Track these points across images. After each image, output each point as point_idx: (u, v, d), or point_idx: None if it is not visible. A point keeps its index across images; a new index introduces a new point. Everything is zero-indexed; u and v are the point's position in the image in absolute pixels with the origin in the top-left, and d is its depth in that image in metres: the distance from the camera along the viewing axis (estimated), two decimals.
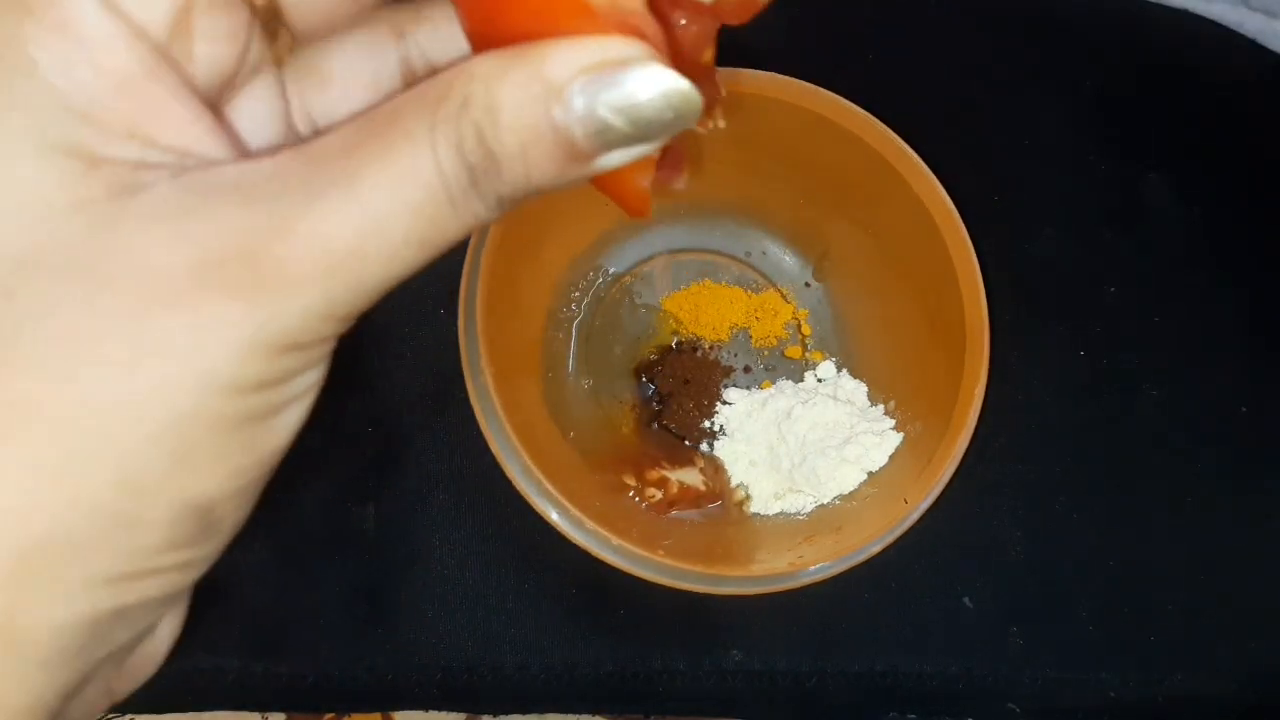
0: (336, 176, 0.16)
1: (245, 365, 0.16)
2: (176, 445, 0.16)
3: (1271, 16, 0.49)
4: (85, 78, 0.16)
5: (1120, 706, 0.39)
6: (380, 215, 0.16)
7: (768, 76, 0.35)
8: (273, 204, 0.16)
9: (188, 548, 0.18)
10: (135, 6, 0.16)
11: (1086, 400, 0.43)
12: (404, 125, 0.16)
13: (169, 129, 0.17)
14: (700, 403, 0.40)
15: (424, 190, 0.16)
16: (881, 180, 0.36)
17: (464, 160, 0.16)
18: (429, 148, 0.16)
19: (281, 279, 0.16)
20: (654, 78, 0.16)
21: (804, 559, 0.33)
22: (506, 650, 0.37)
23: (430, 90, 0.16)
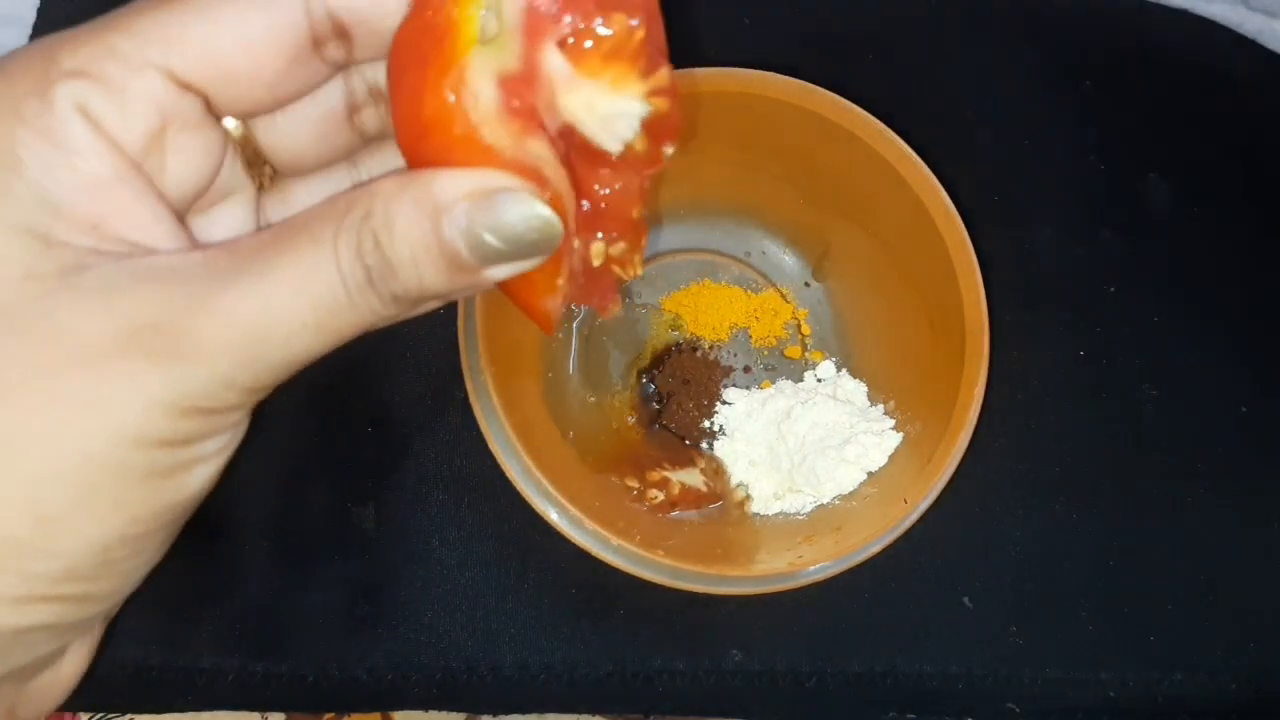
0: (251, 267, 0.19)
1: (152, 422, 0.18)
2: (81, 485, 0.18)
3: (1271, 16, 0.49)
4: (62, 178, 0.19)
5: (1120, 706, 0.39)
6: (283, 302, 0.19)
7: (768, 76, 0.35)
8: (193, 286, 0.19)
9: (85, 581, 0.20)
10: (114, 125, 0.19)
11: (1086, 400, 0.43)
12: (314, 229, 0.19)
13: (127, 226, 0.19)
14: (700, 403, 0.40)
15: (323, 285, 0.19)
16: (881, 180, 0.36)
17: (361, 263, 0.19)
18: (331, 250, 0.19)
19: (189, 348, 0.18)
20: (521, 205, 0.19)
21: (804, 559, 0.33)
22: (506, 650, 0.37)
23: (340, 201, 0.19)
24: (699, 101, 0.35)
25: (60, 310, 0.18)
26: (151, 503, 0.20)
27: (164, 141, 0.20)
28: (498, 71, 0.19)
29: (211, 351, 0.18)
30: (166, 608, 0.37)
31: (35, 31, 0.43)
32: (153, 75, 0.19)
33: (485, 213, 0.19)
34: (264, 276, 0.19)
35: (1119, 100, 0.47)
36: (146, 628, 0.36)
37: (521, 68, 0.19)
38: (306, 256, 0.19)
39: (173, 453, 0.19)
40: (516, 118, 0.19)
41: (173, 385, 0.18)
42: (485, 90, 0.19)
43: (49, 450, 0.18)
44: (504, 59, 0.19)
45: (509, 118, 0.19)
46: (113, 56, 0.19)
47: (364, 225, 0.19)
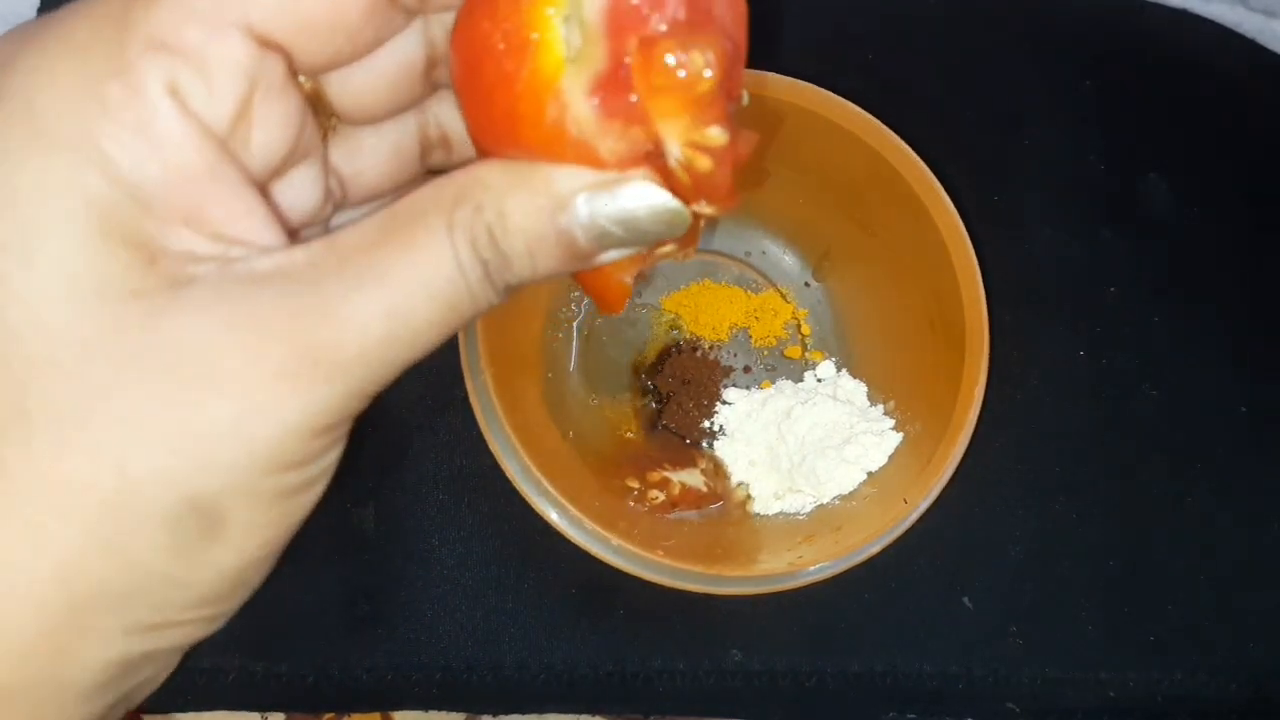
0: (369, 268, 0.18)
1: (286, 446, 0.17)
2: (220, 518, 0.18)
3: (1270, 16, 0.49)
4: (153, 173, 0.17)
5: (1120, 706, 0.39)
6: (409, 303, 0.18)
7: (768, 76, 0.35)
8: (314, 294, 0.17)
9: (215, 604, 0.20)
10: (203, 105, 0.17)
11: (1086, 400, 0.43)
12: (425, 223, 0.18)
13: (224, 221, 0.18)
14: (700, 403, 0.40)
15: (446, 281, 0.18)
16: (881, 180, 0.36)
17: (478, 257, 0.18)
18: (449, 245, 0.18)
19: (328, 365, 0.17)
20: (648, 195, 0.18)
21: (804, 559, 0.33)
22: (506, 650, 0.37)
23: (445, 191, 0.18)
24: None
25: (176, 334, 0.17)
26: (284, 525, 0.19)
27: (249, 113, 0.18)
28: (589, 81, 0.18)
29: (347, 366, 0.17)
30: None
31: None
32: (235, 37, 0.17)
33: (608, 204, 0.18)
34: (385, 276, 0.17)
35: (1119, 100, 0.47)
36: None
37: (609, 65, 0.18)
38: (425, 252, 0.18)
39: (301, 473, 0.19)
40: (616, 118, 0.18)
41: (309, 406, 0.17)
42: (582, 108, 0.18)
43: (184, 486, 0.17)
44: (592, 65, 0.18)
45: (609, 121, 0.18)
46: (193, 18, 0.17)
47: (477, 219, 0.18)
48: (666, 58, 0.17)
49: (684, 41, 0.17)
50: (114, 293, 0.17)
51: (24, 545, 0.16)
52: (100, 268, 0.16)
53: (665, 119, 0.18)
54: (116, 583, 0.17)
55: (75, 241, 0.16)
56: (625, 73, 0.18)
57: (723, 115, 0.19)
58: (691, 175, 0.19)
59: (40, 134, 0.16)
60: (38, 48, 0.17)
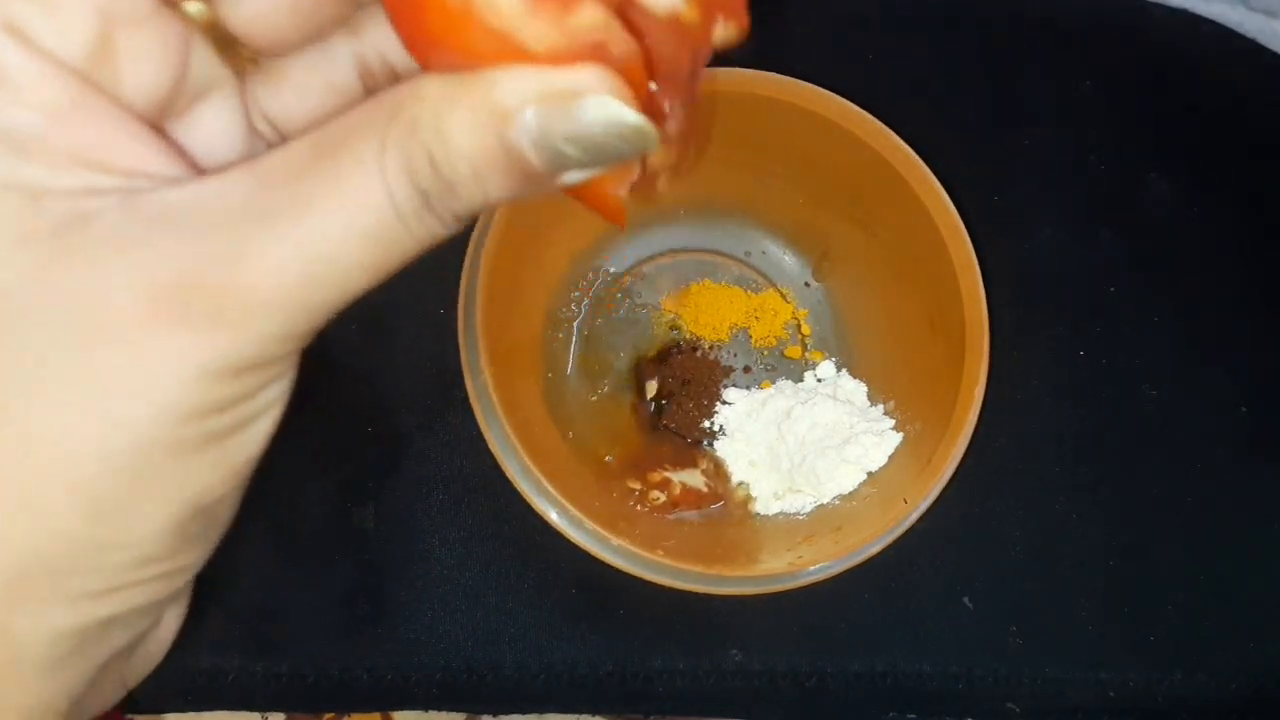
0: (288, 202, 0.16)
1: (202, 392, 0.16)
2: (139, 472, 0.16)
3: (1271, 16, 0.49)
4: (16, 116, 0.16)
5: (1120, 706, 0.39)
6: (332, 241, 0.16)
7: (768, 76, 0.35)
8: (224, 231, 0.16)
9: (166, 560, 0.18)
10: (54, 41, 0.16)
11: (1086, 400, 0.43)
12: (353, 148, 0.16)
13: (112, 152, 0.16)
14: (700, 403, 0.40)
15: (375, 215, 0.16)
16: (881, 180, 0.36)
17: (416, 185, 0.16)
18: (378, 173, 0.16)
19: (234, 308, 0.16)
20: (605, 110, 0.16)
21: (804, 559, 0.33)
22: (506, 650, 0.37)
23: (379, 111, 0.16)
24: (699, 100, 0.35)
25: (71, 280, 0.15)
26: (217, 470, 0.18)
27: (113, 46, 0.17)
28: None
29: (259, 308, 0.16)
30: None
31: None
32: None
33: (562, 120, 0.16)
34: (305, 212, 0.16)
35: (1119, 100, 0.47)
36: None
37: None
38: (351, 183, 0.16)
39: (230, 415, 0.17)
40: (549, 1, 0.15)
41: (220, 350, 0.16)
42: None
43: (90, 442, 0.16)
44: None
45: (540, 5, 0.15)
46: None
47: (412, 140, 0.16)
48: None
49: None
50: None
51: None
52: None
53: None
54: (45, 551, 0.16)
55: None
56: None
57: None
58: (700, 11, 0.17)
59: None
60: None
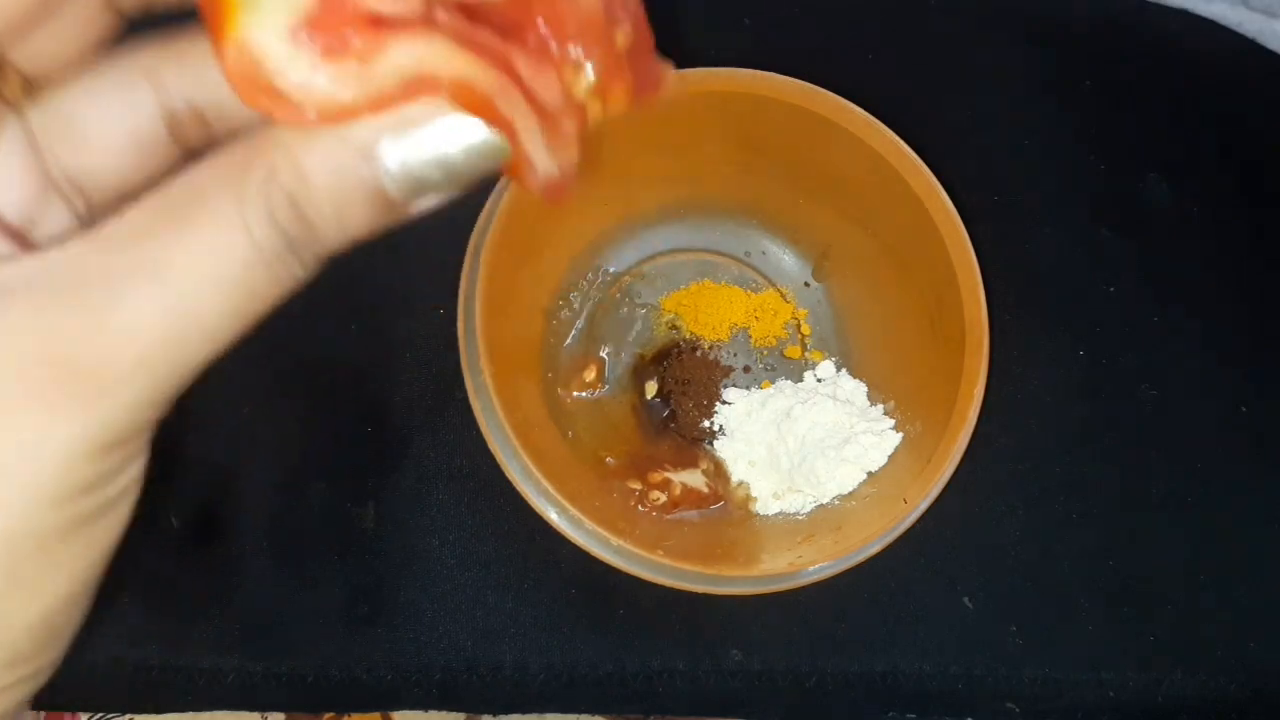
0: (142, 262, 0.15)
1: (70, 473, 0.15)
2: (9, 567, 0.15)
3: (1271, 16, 0.49)
4: None
5: (1120, 706, 0.39)
6: (195, 297, 0.15)
7: (768, 76, 0.35)
8: (77, 301, 0.15)
9: (35, 658, 0.17)
10: None
11: (1086, 400, 0.43)
12: (208, 202, 0.16)
13: None
14: (700, 403, 0.40)
15: (239, 265, 0.16)
16: (881, 180, 0.36)
17: (278, 229, 0.16)
18: (240, 221, 0.15)
19: (100, 381, 0.15)
20: (464, 131, 0.16)
21: (803, 559, 0.33)
22: (506, 650, 0.37)
23: (230, 163, 0.16)
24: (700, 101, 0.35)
25: None
26: (86, 556, 0.17)
27: None
28: (293, 18, 0.15)
29: (126, 377, 0.15)
30: (167, 608, 0.37)
31: None
32: None
33: (417, 148, 0.16)
34: (162, 273, 0.15)
35: (1119, 100, 0.48)
36: (146, 628, 0.37)
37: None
38: (209, 235, 0.15)
39: (95, 496, 0.16)
40: (346, 52, 0.15)
41: (87, 426, 0.15)
42: (280, 55, 0.15)
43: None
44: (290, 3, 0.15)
45: (336, 61, 0.15)
46: None
47: (271, 186, 0.15)
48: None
49: None
50: None
51: None
52: None
53: None
54: None
55: None
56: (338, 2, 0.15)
57: None
58: None
59: None
60: None
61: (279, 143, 0.16)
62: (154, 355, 0.15)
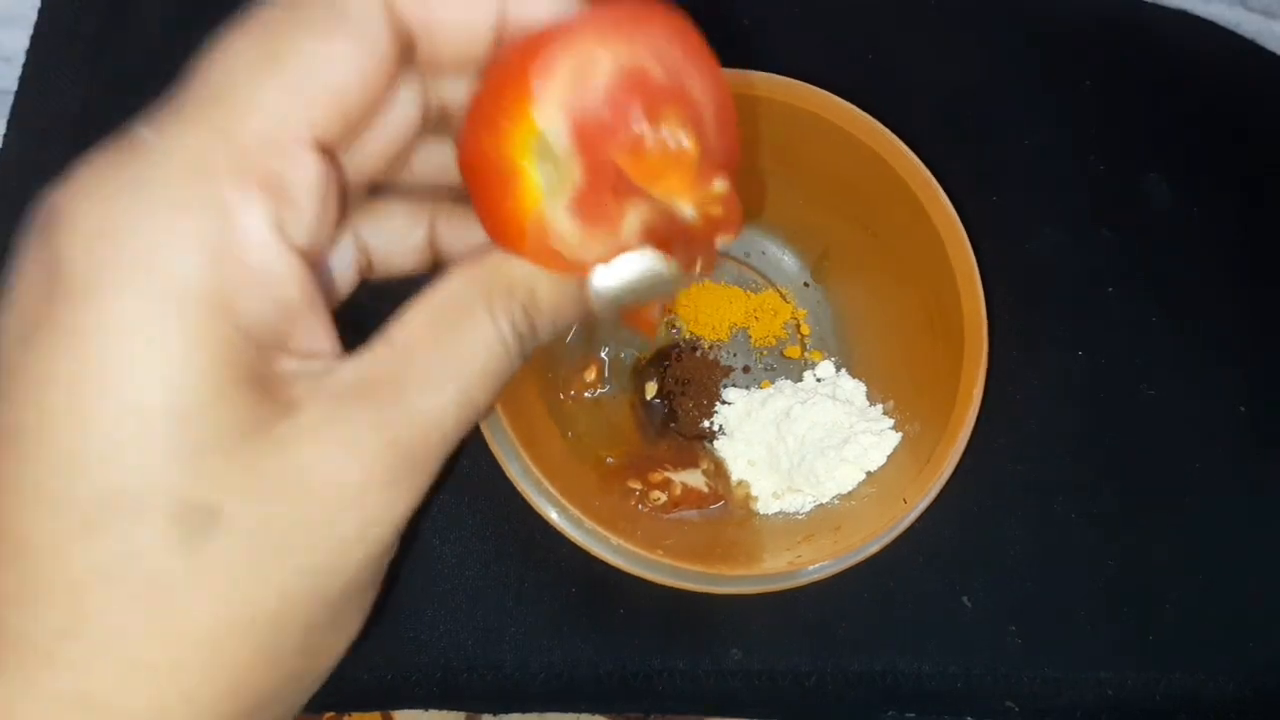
0: (438, 367, 0.20)
1: (390, 540, 0.20)
2: (343, 608, 0.20)
3: (1269, 17, 0.49)
4: (267, 312, 0.18)
5: (1120, 706, 0.39)
6: (474, 389, 0.20)
7: (768, 76, 0.35)
8: (399, 400, 0.19)
9: (315, 687, 0.21)
10: (297, 233, 0.18)
11: (1086, 400, 0.43)
12: (473, 316, 0.20)
13: (308, 339, 0.19)
14: (700, 402, 0.40)
15: (498, 361, 0.20)
16: (880, 181, 0.36)
17: (516, 333, 0.21)
18: (494, 329, 0.20)
19: (419, 462, 0.19)
20: (649, 268, 0.21)
21: (803, 559, 0.33)
22: (506, 649, 0.37)
23: (478, 284, 0.20)
24: None
25: (304, 458, 0.18)
26: (370, 603, 0.21)
27: (323, 224, 0.19)
28: (570, 199, 0.20)
29: (431, 457, 0.20)
30: None
31: (36, 32, 0.43)
32: (310, 155, 0.18)
33: (618, 279, 0.21)
34: (455, 373, 0.20)
35: (1119, 100, 0.48)
36: None
37: (589, 178, 0.19)
38: (479, 342, 0.20)
39: (391, 538, 0.20)
40: (602, 224, 0.20)
41: (409, 501, 0.19)
42: (566, 228, 0.20)
43: (323, 595, 0.19)
44: (569, 184, 0.19)
45: (595, 230, 0.20)
46: (273, 143, 0.18)
47: (512, 302, 0.20)
48: (647, 138, 0.19)
49: (658, 112, 0.19)
50: (243, 432, 0.17)
51: (197, 669, 0.18)
52: (227, 408, 0.17)
53: (671, 193, 0.20)
54: (270, 690, 0.19)
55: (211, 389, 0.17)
56: (603, 182, 0.20)
57: (714, 172, 0.21)
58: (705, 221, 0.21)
59: (166, 293, 0.17)
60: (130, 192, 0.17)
61: (512, 272, 0.21)
62: (450, 437, 0.20)
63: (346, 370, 0.19)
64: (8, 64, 0.44)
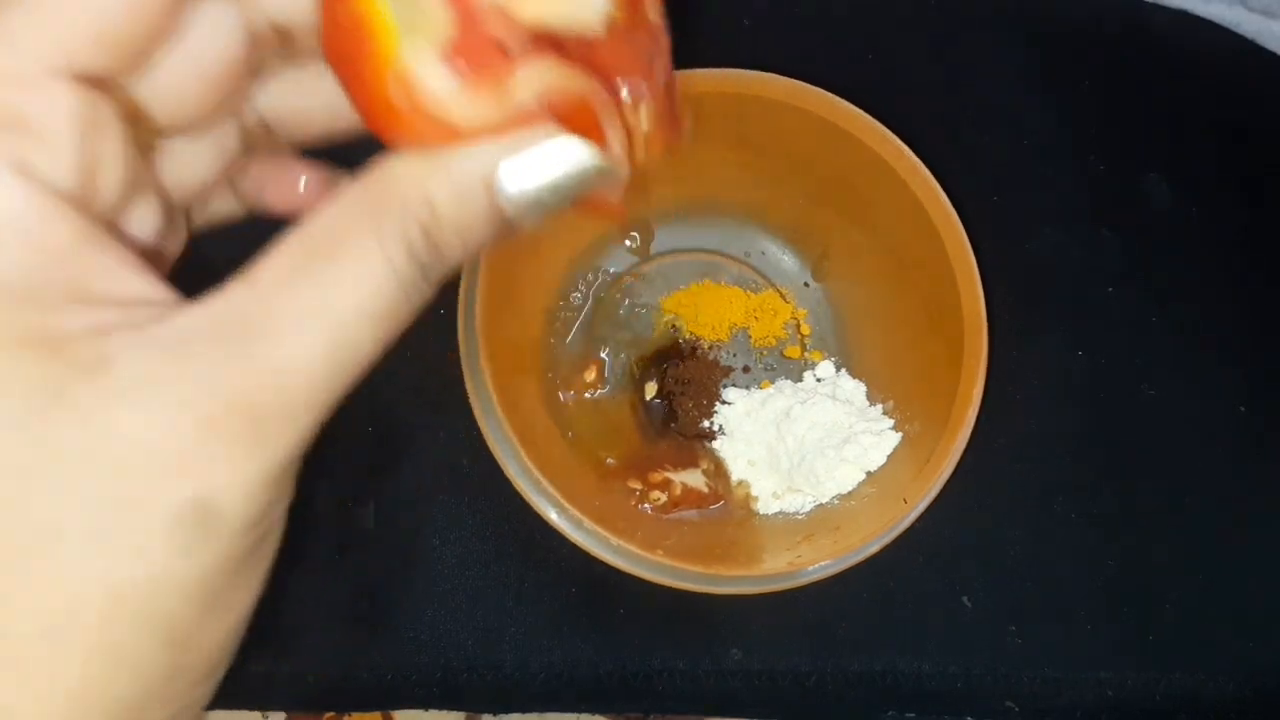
0: (303, 304, 0.17)
1: (256, 504, 0.17)
2: (208, 595, 0.17)
3: (1269, 17, 0.49)
4: (29, 261, 0.16)
5: (1119, 706, 0.39)
6: (351, 330, 0.17)
7: (768, 77, 0.35)
8: (247, 347, 0.16)
9: (207, 680, 0.19)
10: (53, 172, 0.16)
11: (1086, 400, 0.43)
12: (352, 241, 0.17)
13: (110, 286, 0.16)
14: (700, 402, 0.40)
15: (385, 297, 0.17)
16: (880, 181, 0.36)
17: (415, 259, 0.17)
18: (381, 255, 0.17)
19: (278, 418, 0.16)
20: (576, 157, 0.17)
21: (803, 559, 0.33)
22: (506, 650, 0.37)
23: (363, 199, 0.17)
24: (699, 101, 0.35)
25: (114, 429, 0.15)
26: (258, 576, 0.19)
27: (93, 163, 0.17)
28: (439, 45, 0.16)
29: (299, 411, 0.17)
30: None
31: None
32: (64, 87, 0.16)
33: (533, 175, 0.17)
34: (323, 310, 0.17)
35: (1119, 100, 0.48)
36: None
37: (460, 20, 0.16)
38: (359, 274, 0.17)
39: (264, 525, 0.18)
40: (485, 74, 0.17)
41: (266, 463, 0.16)
42: (438, 84, 0.16)
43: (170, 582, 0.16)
44: (435, 25, 0.16)
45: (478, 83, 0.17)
46: (18, 76, 0.16)
47: (407, 222, 0.17)
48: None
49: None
50: (29, 405, 0.15)
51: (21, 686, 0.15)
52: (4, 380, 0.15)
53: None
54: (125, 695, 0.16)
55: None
56: (483, 26, 0.16)
57: None
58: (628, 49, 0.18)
59: None
60: None
61: (406, 178, 0.17)
62: (320, 388, 0.17)
63: (184, 318, 0.16)
64: None
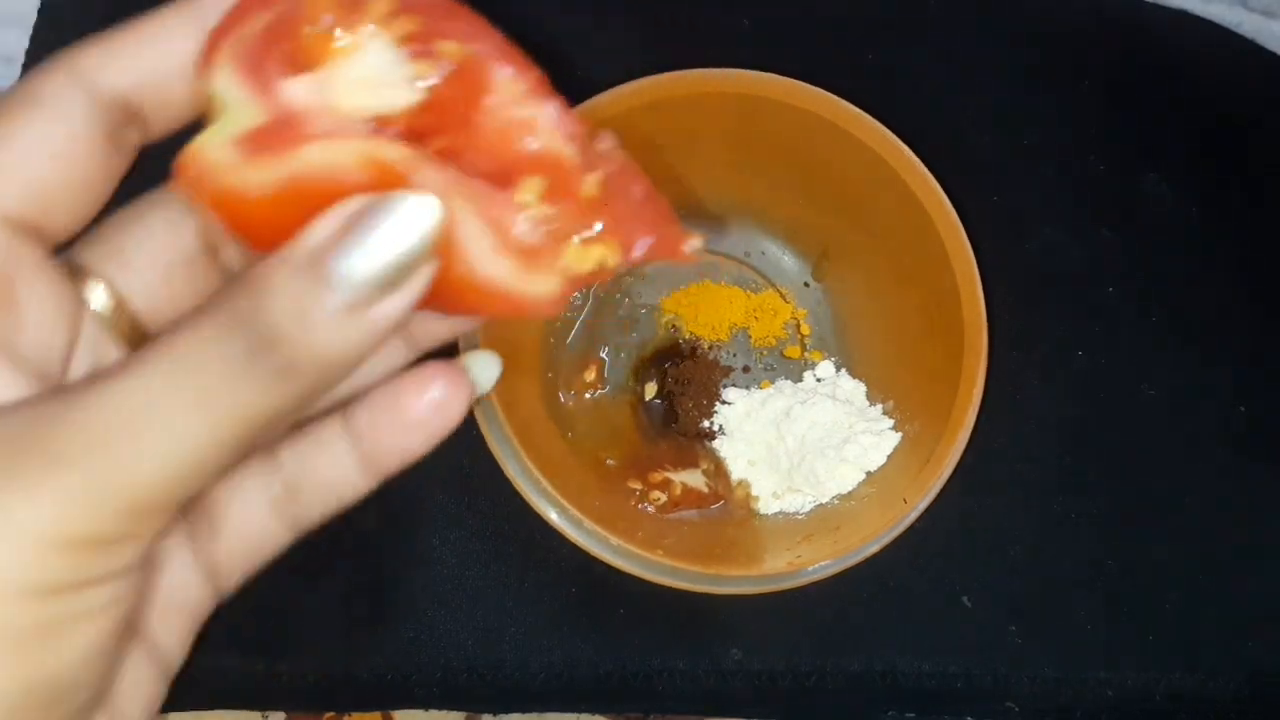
0: (115, 371, 0.16)
1: (39, 560, 0.16)
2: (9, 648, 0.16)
3: (1269, 16, 0.49)
4: None
5: (1120, 706, 0.39)
6: (155, 387, 0.16)
7: (767, 77, 0.35)
8: (45, 403, 0.16)
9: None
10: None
11: (1086, 400, 0.43)
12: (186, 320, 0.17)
13: None
14: (699, 402, 0.40)
15: (198, 366, 0.16)
16: (880, 180, 0.36)
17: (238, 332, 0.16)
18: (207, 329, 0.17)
19: (48, 458, 0.16)
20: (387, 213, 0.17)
21: (803, 559, 0.33)
22: (507, 649, 0.37)
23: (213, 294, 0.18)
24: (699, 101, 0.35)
25: None
26: (38, 671, 0.16)
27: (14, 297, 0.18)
28: (235, 135, 0.17)
29: (73, 458, 0.16)
30: None
31: (36, 32, 0.43)
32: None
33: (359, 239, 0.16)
34: (130, 373, 0.16)
35: (1119, 100, 0.48)
36: None
37: (270, 111, 0.17)
38: (178, 344, 0.17)
39: (67, 601, 0.16)
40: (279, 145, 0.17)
41: (50, 509, 0.15)
42: (225, 157, 0.17)
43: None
44: (240, 119, 0.17)
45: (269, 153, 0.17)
46: None
47: (237, 297, 0.17)
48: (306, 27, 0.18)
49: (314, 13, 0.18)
50: None
51: None
52: None
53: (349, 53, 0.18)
54: None
55: None
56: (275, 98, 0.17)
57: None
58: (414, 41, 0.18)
59: None
60: None
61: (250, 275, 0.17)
62: (104, 439, 0.16)
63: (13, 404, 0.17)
64: (8, 64, 0.44)
